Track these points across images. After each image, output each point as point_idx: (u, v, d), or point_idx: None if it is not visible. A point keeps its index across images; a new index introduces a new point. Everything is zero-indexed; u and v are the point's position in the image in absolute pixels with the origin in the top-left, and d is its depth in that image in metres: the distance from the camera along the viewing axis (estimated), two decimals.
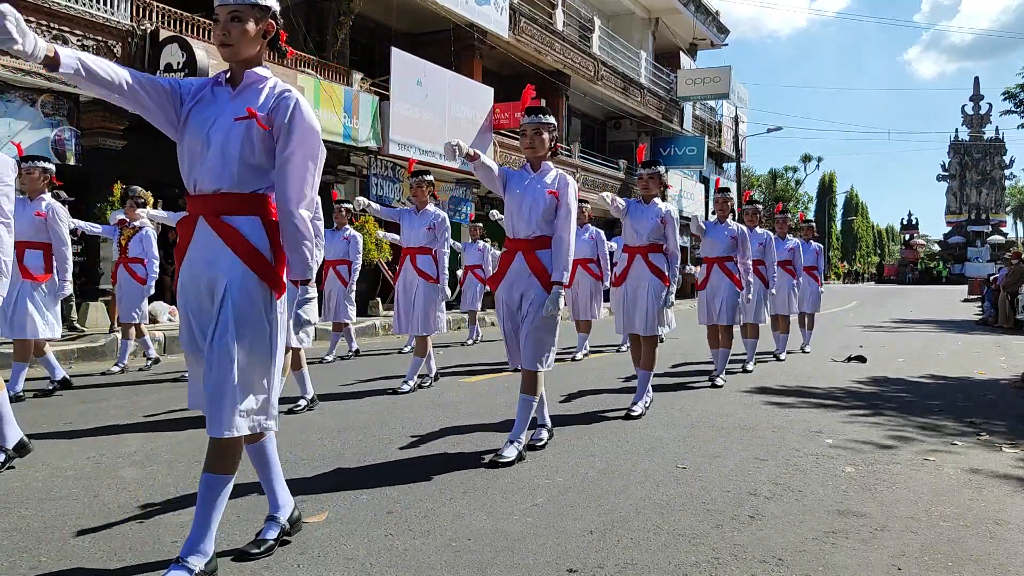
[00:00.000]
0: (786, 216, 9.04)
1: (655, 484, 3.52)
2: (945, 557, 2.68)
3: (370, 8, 15.24)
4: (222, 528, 2.63)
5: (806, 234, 9.60)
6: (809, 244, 9.49)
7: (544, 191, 3.90)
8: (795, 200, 62.80)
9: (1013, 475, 3.78)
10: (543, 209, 3.89)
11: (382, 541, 2.75)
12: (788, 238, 8.86)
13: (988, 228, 55.96)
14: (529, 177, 3.99)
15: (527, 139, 3.94)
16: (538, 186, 3.92)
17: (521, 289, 3.94)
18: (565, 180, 3.95)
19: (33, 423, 4.70)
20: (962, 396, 6.28)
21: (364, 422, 4.88)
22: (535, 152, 3.96)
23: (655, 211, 5.17)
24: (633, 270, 5.20)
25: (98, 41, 9.99)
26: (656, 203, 5.21)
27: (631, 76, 24.51)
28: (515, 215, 3.96)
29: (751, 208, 7.83)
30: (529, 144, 3.94)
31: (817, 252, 9.61)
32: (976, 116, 58.11)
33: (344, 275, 8.23)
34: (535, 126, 3.91)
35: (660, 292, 5.08)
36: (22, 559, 2.54)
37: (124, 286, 7.30)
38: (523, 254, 3.94)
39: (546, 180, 3.95)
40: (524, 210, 3.92)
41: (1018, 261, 15.08)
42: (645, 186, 5.25)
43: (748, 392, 6.29)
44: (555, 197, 3.89)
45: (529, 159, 4.03)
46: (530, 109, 3.95)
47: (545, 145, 3.95)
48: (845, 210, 77.39)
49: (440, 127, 15.66)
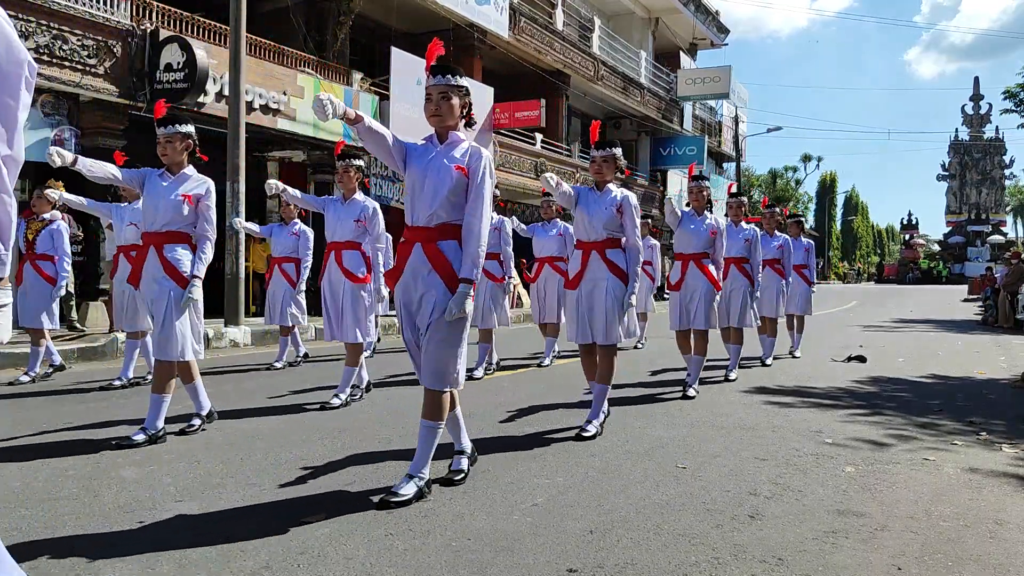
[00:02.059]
0: (774, 211, 8.41)
1: (655, 484, 3.52)
2: (945, 557, 2.68)
3: (370, 8, 15.24)
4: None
5: (794, 230, 9.02)
6: (799, 241, 8.97)
7: (451, 167, 3.19)
8: (795, 200, 62.84)
9: (1013, 475, 3.78)
10: (449, 189, 3.19)
11: (382, 541, 2.75)
12: (776, 235, 8.30)
13: (988, 228, 55.97)
14: (434, 150, 3.28)
15: (432, 105, 3.23)
16: (444, 161, 3.22)
17: (420, 289, 3.25)
18: (478, 154, 3.26)
19: (33, 423, 4.71)
20: (962, 396, 6.28)
21: (364, 422, 4.88)
22: (442, 121, 3.25)
23: (610, 199, 4.52)
24: (589, 270, 4.54)
25: (98, 41, 9.99)
26: (611, 190, 4.56)
27: (631, 76, 24.52)
28: (415, 196, 3.26)
29: (735, 201, 7.19)
30: (434, 110, 3.23)
31: (807, 249, 9.09)
32: (976, 116, 58.12)
33: (291, 274, 7.45)
34: (441, 88, 3.21)
35: (620, 294, 4.47)
36: (22, 559, 2.54)
37: (31, 286, 6.54)
38: (422, 246, 3.24)
39: (454, 154, 3.25)
40: (426, 190, 3.22)
41: (1018, 261, 15.08)
42: (598, 170, 4.58)
43: (748, 392, 6.29)
44: (464, 175, 3.21)
45: (435, 129, 3.31)
46: (435, 68, 3.26)
47: (454, 112, 3.25)
48: (845, 210, 77.41)
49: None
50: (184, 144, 4.29)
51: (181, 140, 4.27)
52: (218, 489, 3.35)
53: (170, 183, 4.27)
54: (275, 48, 12.54)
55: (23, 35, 9.12)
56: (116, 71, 10.21)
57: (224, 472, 3.62)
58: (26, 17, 9.15)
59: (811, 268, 9.05)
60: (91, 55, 9.89)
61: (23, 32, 9.12)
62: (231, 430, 4.59)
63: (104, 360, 8.02)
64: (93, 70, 9.93)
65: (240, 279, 10.42)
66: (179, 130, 4.26)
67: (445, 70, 3.24)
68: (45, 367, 6.72)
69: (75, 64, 9.72)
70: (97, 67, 9.98)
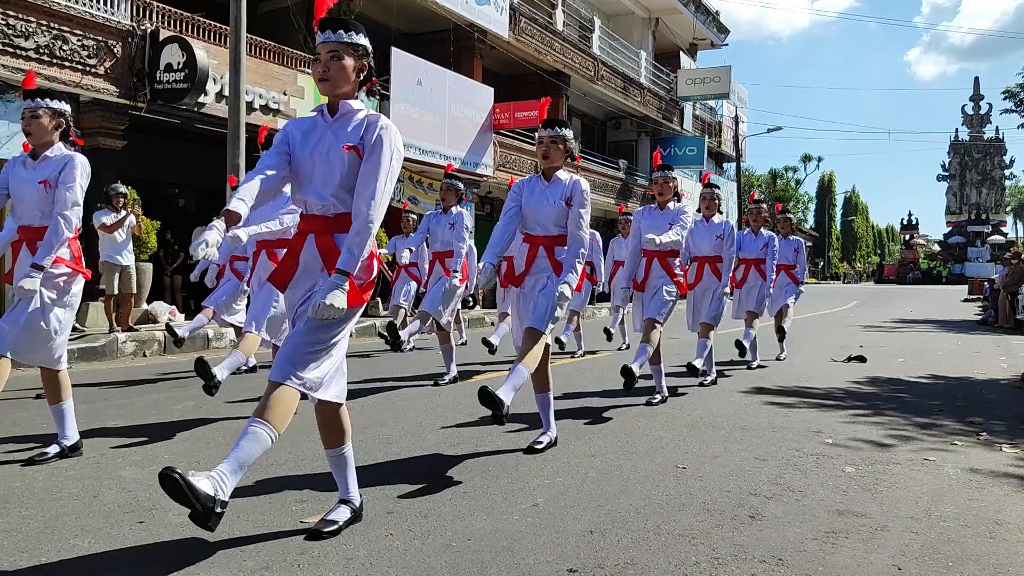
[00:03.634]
0: (760, 208, 7.91)
1: (655, 484, 3.52)
2: (945, 557, 2.68)
3: (370, 8, 15.24)
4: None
5: (784, 228, 8.58)
6: (788, 240, 8.49)
7: (340, 147, 2.70)
8: (795, 200, 62.88)
9: (1013, 475, 3.78)
10: (341, 175, 2.69)
11: (382, 541, 2.75)
12: (762, 233, 7.79)
13: (988, 228, 55.93)
14: (322, 128, 2.79)
15: (319, 66, 2.71)
16: (332, 140, 2.73)
17: (307, 285, 2.78)
18: (375, 124, 2.71)
19: (34, 423, 4.71)
20: (962, 396, 6.28)
21: (364, 422, 4.88)
22: (333, 86, 2.72)
23: (562, 189, 4.08)
24: (535, 265, 4.12)
25: (98, 41, 9.99)
26: (560, 179, 4.11)
27: (631, 76, 24.52)
28: (304, 184, 2.77)
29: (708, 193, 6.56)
30: (322, 73, 2.69)
31: (797, 249, 8.55)
32: (976, 116, 58.10)
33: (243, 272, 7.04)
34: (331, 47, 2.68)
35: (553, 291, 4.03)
36: (22, 559, 2.54)
37: None
38: (316, 239, 2.76)
39: (346, 129, 2.73)
40: (315, 177, 2.72)
41: (1018, 261, 15.08)
42: (545, 152, 4.11)
43: (748, 392, 6.30)
44: (357, 154, 2.69)
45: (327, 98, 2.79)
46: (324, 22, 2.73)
47: (347, 76, 2.71)
48: (845, 210, 77.46)
49: (440, 127, 15.67)
50: (55, 122, 3.76)
51: (51, 117, 3.73)
52: None
53: (32, 170, 3.72)
54: (275, 48, 12.54)
55: (23, 35, 9.13)
56: (116, 71, 10.22)
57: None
58: (26, 17, 9.15)
59: (801, 268, 8.58)
60: (91, 55, 9.89)
61: (23, 32, 9.12)
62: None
63: (104, 360, 8.02)
64: (93, 70, 9.93)
65: None
66: (49, 105, 3.74)
67: (336, 24, 2.71)
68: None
69: (75, 64, 9.73)
70: (97, 67, 9.98)
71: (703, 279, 6.39)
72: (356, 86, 2.79)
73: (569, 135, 4.15)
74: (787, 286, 8.41)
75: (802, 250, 8.64)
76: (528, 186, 4.19)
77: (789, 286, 8.43)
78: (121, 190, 9.01)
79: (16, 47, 9.09)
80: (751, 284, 7.60)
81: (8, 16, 9.00)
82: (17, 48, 9.10)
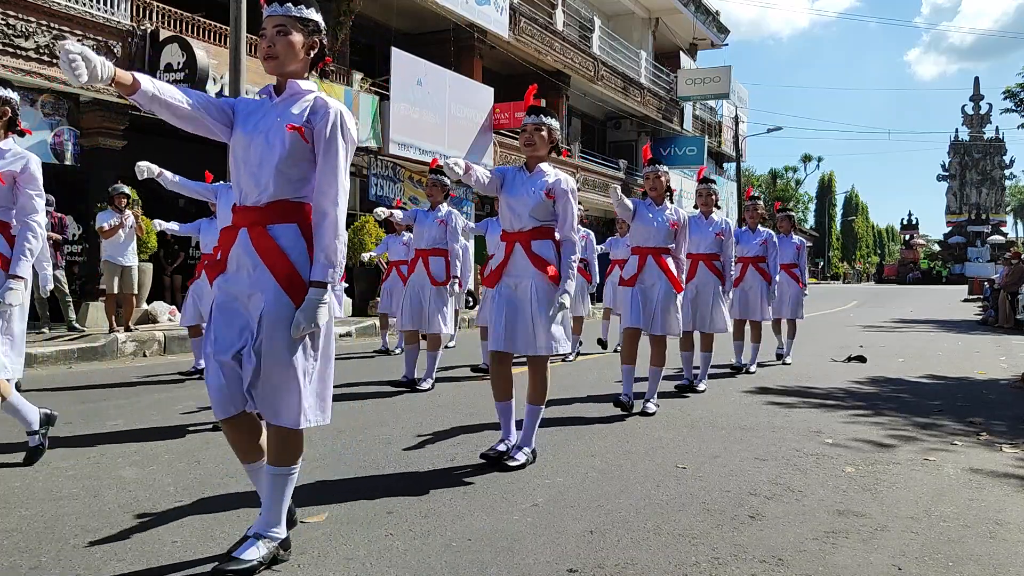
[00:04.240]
0: (756, 203, 7.53)
1: (655, 484, 3.52)
2: (945, 557, 2.68)
3: (370, 8, 15.24)
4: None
5: (784, 226, 8.20)
6: (789, 238, 8.15)
7: (283, 127, 2.41)
8: (795, 200, 62.90)
9: (1013, 475, 3.78)
10: (280, 157, 2.39)
11: (382, 541, 2.75)
12: (760, 230, 7.46)
13: (988, 228, 55.94)
14: (263, 108, 2.51)
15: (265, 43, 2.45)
16: (276, 119, 2.44)
17: (246, 289, 2.42)
18: (325, 109, 2.44)
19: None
20: (962, 396, 6.28)
21: (364, 423, 4.88)
22: (279, 64, 2.44)
23: (540, 181, 3.83)
24: (512, 263, 3.85)
25: (98, 41, 9.99)
26: (542, 170, 3.86)
27: (631, 76, 24.53)
28: (238, 168, 2.48)
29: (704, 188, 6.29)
30: (267, 50, 2.44)
31: (799, 247, 8.21)
32: (976, 116, 58.12)
33: None
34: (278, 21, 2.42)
35: (550, 296, 3.78)
36: (22, 559, 2.54)
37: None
38: (248, 232, 2.43)
39: (292, 110, 2.44)
40: (251, 159, 2.43)
41: (1018, 261, 15.09)
42: (528, 140, 3.81)
43: (748, 392, 6.29)
44: (301, 136, 2.40)
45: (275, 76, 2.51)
46: None
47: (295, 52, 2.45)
48: (845, 210, 77.51)
49: (440, 127, 15.67)
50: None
51: None
52: (218, 489, 3.35)
53: None
54: None
55: (23, 35, 9.13)
56: None
57: (224, 472, 3.62)
58: (26, 17, 9.16)
59: (802, 268, 8.21)
60: None
61: (23, 32, 9.12)
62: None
63: (104, 360, 8.02)
64: None
65: None
66: None
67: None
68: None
69: None
70: None
71: (697, 276, 6.13)
72: (307, 65, 2.52)
73: (554, 124, 3.85)
74: (792, 293, 8.07)
75: (803, 249, 8.33)
76: (510, 174, 3.91)
77: (794, 292, 8.08)
78: (124, 190, 9.00)
79: (16, 47, 9.09)
80: (749, 283, 7.36)
81: (8, 16, 9.00)
82: (17, 48, 9.10)
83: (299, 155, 2.42)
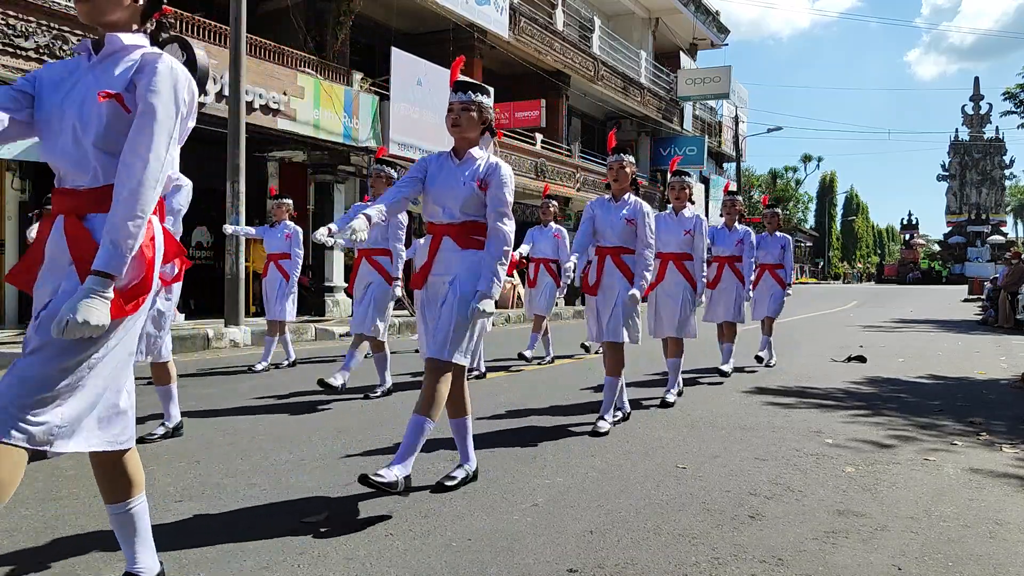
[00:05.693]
0: (735, 199, 7.05)
1: (655, 484, 3.52)
2: (945, 557, 2.68)
3: (370, 8, 15.25)
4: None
5: (771, 224, 7.80)
6: (773, 237, 7.75)
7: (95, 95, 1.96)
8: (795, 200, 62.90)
9: (1013, 475, 3.78)
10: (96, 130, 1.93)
11: (382, 541, 2.75)
12: (737, 227, 6.98)
13: (988, 228, 55.98)
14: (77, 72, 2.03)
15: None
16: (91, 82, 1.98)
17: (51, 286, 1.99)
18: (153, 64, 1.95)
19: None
20: (962, 396, 6.28)
21: (364, 423, 4.88)
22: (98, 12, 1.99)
23: (473, 168, 3.31)
24: (439, 260, 3.35)
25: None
26: (472, 156, 3.33)
27: (631, 76, 24.54)
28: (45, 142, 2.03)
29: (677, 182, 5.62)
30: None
31: (783, 247, 7.75)
32: (976, 116, 58.15)
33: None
34: None
35: (466, 301, 3.18)
36: (22, 559, 2.54)
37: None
38: (64, 221, 2.00)
39: (114, 71, 1.98)
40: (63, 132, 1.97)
41: (1018, 261, 15.09)
42: (454, 122, 3.31)
43: (748, 392, 6.30)
44: (120, 105, 1.95)
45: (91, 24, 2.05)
46: None
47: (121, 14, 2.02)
48: (845, 210, 77.57)
49: (440, 127, 15.61)
50: None
51: None
52: (218, 489, 3.35)
53: None
54: (275, 48, 12.54)
55: (23, 35, 9.13)
56: None
57: (224, 472, 3.62)
58: (26, 17, 9.15)
59: (787, 268, 7.78)
60: None
61: (23, 32, 9.12)
62: (231, 430, 4.59)
63: None
64: None
65: (240, 279, 10.44)
66: None
67: None
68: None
69: None
70: None
71: (666, 278, 5.55)
72: (134, 13, 2.03)
73: (487, 102, 3.33)
74: (772, 291, 7.71)
75: (789, 247, 7.84)
76: (436, 163, 3.39)
77: (774, 290, 7.71)
78: None
79: (16, 47, 9.09)
80: (725, 285, 6.91)
81: (8, 16, 9.00)
82: (17, 48, 9.10)
83: (121, 128, 1.94)
